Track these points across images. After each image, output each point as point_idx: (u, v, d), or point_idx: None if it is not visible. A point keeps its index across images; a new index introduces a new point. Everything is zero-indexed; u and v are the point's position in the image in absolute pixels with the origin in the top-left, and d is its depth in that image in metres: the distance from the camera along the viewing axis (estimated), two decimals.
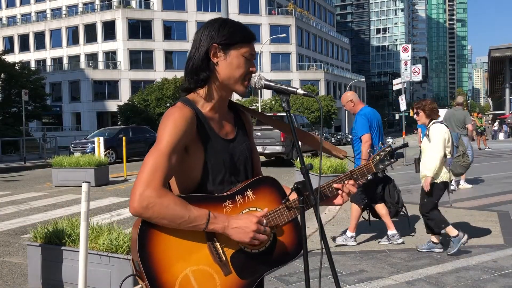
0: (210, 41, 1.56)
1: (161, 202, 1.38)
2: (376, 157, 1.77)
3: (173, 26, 54.42)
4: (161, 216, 1.38)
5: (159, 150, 1.45)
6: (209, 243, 1.46)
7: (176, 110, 1.52)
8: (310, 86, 55.55)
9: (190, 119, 1.51)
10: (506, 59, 51.42)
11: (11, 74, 31.64)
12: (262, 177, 1.63)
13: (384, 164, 1.77)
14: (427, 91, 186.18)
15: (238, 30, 1.59)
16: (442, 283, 4.00)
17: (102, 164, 12.08)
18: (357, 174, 1.73)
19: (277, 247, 1.58)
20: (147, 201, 1.38)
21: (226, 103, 1.68)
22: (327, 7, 79.19)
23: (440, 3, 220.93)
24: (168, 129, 1.47)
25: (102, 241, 3.79)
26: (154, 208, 1.38)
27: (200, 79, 1.57)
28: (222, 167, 1.58)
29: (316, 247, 5.12)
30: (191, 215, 1.41)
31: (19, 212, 8.31)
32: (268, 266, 1.57)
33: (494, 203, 7.60)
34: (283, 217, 1.58)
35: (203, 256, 1.45)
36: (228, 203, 1.52)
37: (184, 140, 1.49)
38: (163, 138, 1.46)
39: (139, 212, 1.39)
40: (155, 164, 1.42)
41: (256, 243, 1.49)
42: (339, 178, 1.71)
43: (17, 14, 61.56)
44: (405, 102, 15.50)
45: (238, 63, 1.57)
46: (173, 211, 1.39)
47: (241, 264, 1.50)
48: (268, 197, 1.60)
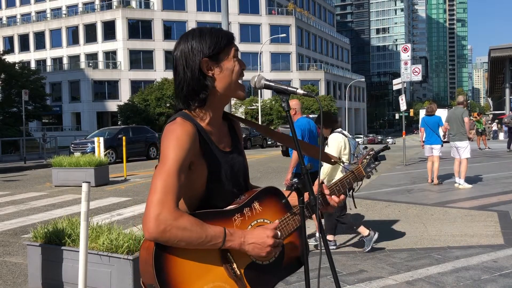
0: (198, 57, 1.50)
1: (178, 224, 1.34)
2: (363, 161, 1.82)
3: (173, 26, 54.43)
4: (179, 239, 1.34)
5: (167, 171, 1.39)
6: (223, 259, 1.45)
7: (178, 127, 1.45)
8: (310, 86, 55.57)
9: (193, 134, 1.46)
10: (506, 59, 51.38)
11: (11, 74, 31.66)
12: (266, 188, 1.63)
13: (370, 167, 1.82)
14: (427, 91, 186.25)
15: (219, 34, 1.54)
16: (442, 283, 4.00)
17: (102, 164, 12.09)
18: (349, 179, 1.76)
19: (286, 257, 1.58)
20: (164, 225, 1.33)
21: (222, 114, 1.64)
22: (327, 7, 79.19)
23: (440, 3, 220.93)
24: (173, 148, 1.41)
25: (102, 241, 3.79)
26: (171, 231, 1.33)
27: (201, 99, 1.52)
28: (225, 179, 1.57)
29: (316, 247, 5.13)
30: (208, 235, 1.38)
31: (19, 212, 8.31)
32: (279, 277, 1.58)
33: (494, 203, 7.60)
34: (290, 226, 1.59)
35: (218, 273, 1.44)
36: (237, 217, 1.51)
37: (190, 157, 1.45)
38: (168, 158, 1.41)
39: (156, 237, 1.33)
40: (165, 185, 1.37)
41: (271, 257, 1.50)
42: (335, 184, 1.73)
43: (17, 14, 61.56)
44: (405, 102, 15.50)
45: (232, 67, 1.55)
46: (190, 232, 1.36)
47: (254, 277, 1.50)
48: (273, 208, 1.60)
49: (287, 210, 1.62)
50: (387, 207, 7.52)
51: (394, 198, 8.21)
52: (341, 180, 1.75)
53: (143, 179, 12.85)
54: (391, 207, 7.51)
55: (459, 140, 9.37)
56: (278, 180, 12.07)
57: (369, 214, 7.11)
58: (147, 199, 1.39)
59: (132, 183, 12.06)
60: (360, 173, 1.80)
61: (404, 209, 7.34)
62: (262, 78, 1.62)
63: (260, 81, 1.62)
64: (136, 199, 9.43)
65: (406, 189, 9.27)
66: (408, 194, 8.67)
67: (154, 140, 22.02)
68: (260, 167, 16.00)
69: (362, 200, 8.09)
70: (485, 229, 5.91)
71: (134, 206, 8.66)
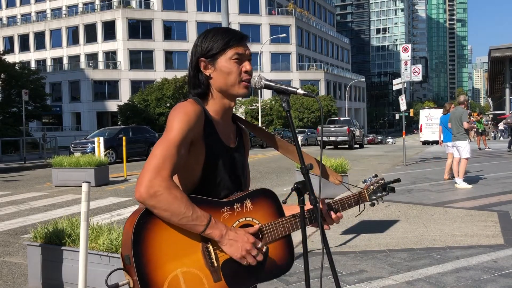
0: (197, 56, 1.60)
1: (169, 193, 1.38)
2: (370, 187, 1.79)
3: (173, 26, 54.43)
4: (165, 207, 1.37)
5: (169, 140, 1.44)
6: (203, 247, 1.45)
7: (188, 104, 1.52)
8: (310, 86, 55.55)
9: (200, 114, 1.52)
10: (506, 59, 51.39)
11: (11, 74, 31.67)
12: (262, 189, 1.63)
13: (376, 195, 1.79)
14: (427, 91, 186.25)
15: (221, 36, 1.59)
16: (442, 283, 4.00)
17: (102, 164, 12.09)
18: (351, 201, 1.77)
19: (269, 261, 1.58)
20: (155, 189, 1.37)
21: (231, 113, 1.69)
22: (327, 7, 79.19)
23: (440, 3, 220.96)
24: (179, 120, 1.47)
25: (102, 241, 3.79)
26: (160, 197, 1.37)
27: (198, 93, 1.60)
28: (222, 170, 1.58)
29: (316, 247, 5.12)
30: (194, 214, 1.40)
31: (19, 212, 8.31)
32: (258, 280, 1.57)
33: (494, 203, 7.60)
34: (277, 232, 1.59)
35: (195, 259, 1.44)
36: (226, 209, 1.52)
37: (193, 133, 1.49)
38: (173, 129, 1.46)
39: (144, 198, 1.37)
40: (165, 153, 1.42)
41: (244, 262, 1.48)
42: (334, 202, 1.74)
43: (17, 14, 61.57)
44: (405, 102, 15.50)
45: (228, 69, 1.57)
46: (178, 204, 1.38)
47: (231, 273, 1.49)
48: (265, 209, 1.60)
49: (279, 215, 1.62)
50: (387, 207, 7.52)
51: (394, 198, 8.21)
52: (342, 199, 1.76)
53: None
54: (391, 207, 7.51)
55: (457, 140, 9.48)
56: (277, 180, 12.07)
57: (369, 214, 7.12)
58: (144, 163, 1.43)
59: (132, 183, 12.05)
60: (364, 199, 1.79)
61: (404, 209, 7.34)
62: (263, 78, 1.63)
63: (260, 81, 1.63)
64: (136, 199, 9.42)
65: (406, 189, 9.27)
66: (408, 194, 8.67)
67: (154, 140, 22.01)
68: (260, 167, 16.01)
69: None
70: (485, 229, 5.90)
71: (134, 206, 8.67)
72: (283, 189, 9.83)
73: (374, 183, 1.80)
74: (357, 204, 1.77)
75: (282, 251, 1.61)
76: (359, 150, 27.96)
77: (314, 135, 37.85)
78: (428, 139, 34.53)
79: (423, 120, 35.73)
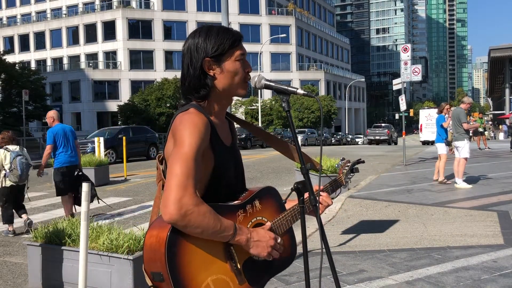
0: (201, 56, 1.54)
1: (198, 210, 1.35)
2: (343, 171, 2.03)
3: (173, 26, 54.43)
4: (197, 225, 1.35)
5: (186, 154, 1.40)
6: (226, 251, 1.47)
7: (194, 116, 1.48)
8: (310, 86, 55.55)
9: (208, 125, 1.49)
10: (506, 59, 51.42)
11: (11, 74, 31.69)
12: (267, 188, 1.67)
13: (348, 177, 2.04)
14: (427, 91, 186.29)
15: (225, 36, 1.56)
16: (442, 283, 4.00)
17: (102, 164, 12.10)
18: (333, 186, 1.96)
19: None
20: (185, 208, 1.33)
21: (225, 111, 1.69)
22: (327, 7, 79.18)
23: (440, 3, 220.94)
24: (189, 133, 1.43)
25: (102, 241, 3.80)
26: (191, 216, 1.33)
27: (201, 95, 1.56)
28: (228, 171, 1.60)
29: (316, 247, 5.12)
30: (222, 225, 1.40)
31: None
32: (271, 274, 1.63)
33: (494, 203, 7.60)
34: (283, 227, 1.65)
35: (220, 265, 1.46)
36: (240, 213, 1.54)
37: (205, 144, 1.47)
38: (185, 143, 1.41)
39: (176, 220, 1.33)
40: (185, 169, 1.37)
41: (270, 258, 1.53)
42: (325, 187, 1.92)
43: (17, 14, 61.57)
44: (405, 102, 15.50)
45: (235, 69, 1.57)
46: (208, 220, 1.37)
47: (250, 272, 1.54)
48: (271, 207, 1.66)
49: (281, 210, 1.68)
50: (387, 207, 7.52)
51: (394, 198, 8.21)
52: (326, 185, 1.94)
53: (143, 179, 12.85)
54: (391, 207, 7.51)
55: (456, 140, 9.49)
56: (277, 180, 12.07)
57: (369, 214, 7.12)
58: (165, 182, 1.39)
59: (132, 183, 12.06)
60: (341, 182, 2.00)
61: (404, 209, 7.34)
62: (263, 78, 1.63)
63: (260, 81, 1.63)
64: (136, 199, 9.43)
65: (406, 189, 9.27)
66: (408, 194, 8.67)
67: (154, 140, 22.02)
68: (260, 167, 16.02)
69: (362, 200, 8.10)
70: (485, 229, 5.90)
71: (134, 206, 8.67)
72: (283, 189, 9.83)
73: (344, 167, 2.05)
74: (337, 188, 1.97)
75: (287, 243, 1.67)
76: (360, 150, 27.98)
77: (314, 135, 38.04)
78: (428, 139, 34.51)
79: (423, 120, 35.71)
